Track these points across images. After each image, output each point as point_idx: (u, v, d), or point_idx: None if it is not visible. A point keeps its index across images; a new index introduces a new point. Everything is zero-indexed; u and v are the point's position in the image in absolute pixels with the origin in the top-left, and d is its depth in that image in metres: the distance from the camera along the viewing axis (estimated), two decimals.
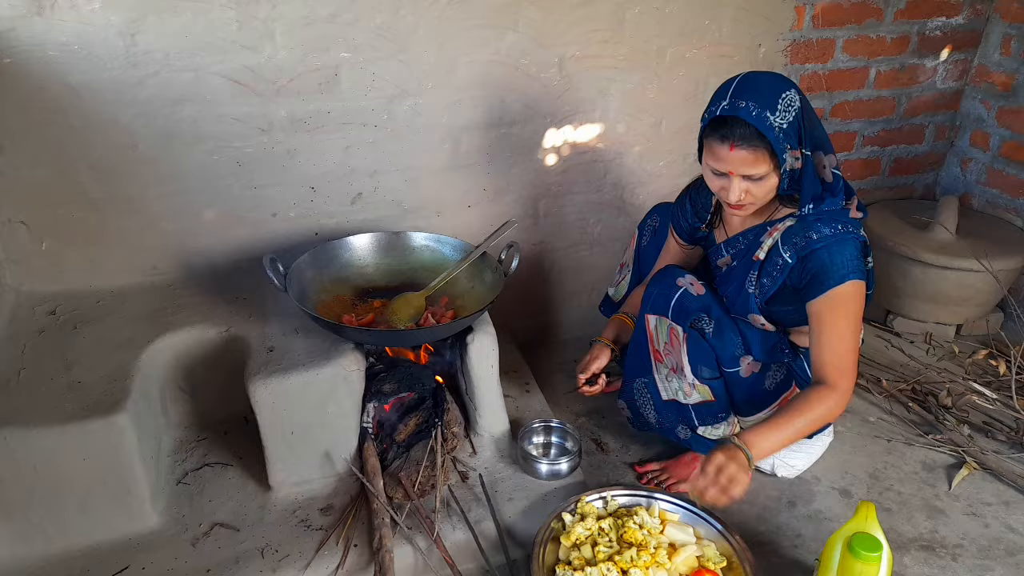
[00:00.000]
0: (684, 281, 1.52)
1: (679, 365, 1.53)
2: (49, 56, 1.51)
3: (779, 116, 1.29)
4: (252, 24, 1.60)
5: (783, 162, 1.32)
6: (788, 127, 1.30)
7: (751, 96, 1.29)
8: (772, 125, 1.28)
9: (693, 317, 1.50)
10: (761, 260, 1.45)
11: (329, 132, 1.76)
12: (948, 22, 2.28)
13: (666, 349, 1.54)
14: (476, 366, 1.64)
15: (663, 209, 1.78)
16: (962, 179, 2.53)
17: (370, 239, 1.79)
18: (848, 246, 1.36)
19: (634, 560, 1.33)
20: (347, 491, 1.56)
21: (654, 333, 1.56)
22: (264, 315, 1.68)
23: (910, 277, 2.24)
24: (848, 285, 1.35)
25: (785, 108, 1.30)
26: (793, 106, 1.31)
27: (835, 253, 1.35)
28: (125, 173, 1.67)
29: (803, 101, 1.33)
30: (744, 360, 1.51)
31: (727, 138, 1.31)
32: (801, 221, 1.39)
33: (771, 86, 1.31)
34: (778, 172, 1.34)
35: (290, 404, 1.50)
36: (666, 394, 1.59)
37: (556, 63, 1.88)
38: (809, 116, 1.35)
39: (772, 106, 1.29)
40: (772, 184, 1.36)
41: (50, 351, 1.54)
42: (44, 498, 1.39)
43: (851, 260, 1.35)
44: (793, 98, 1.31)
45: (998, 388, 1.99)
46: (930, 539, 1.57)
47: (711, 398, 1.54)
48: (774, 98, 1.29)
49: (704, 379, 1.52)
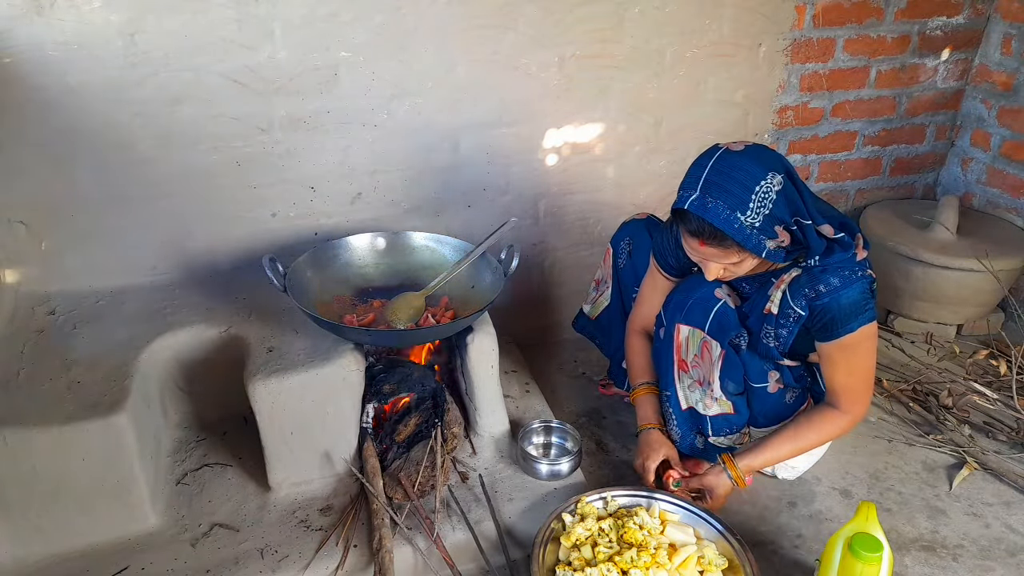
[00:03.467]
0: (722, 292, 1.46)
1: (707, 379, 1.49)
2: (48, 55, 1.51)
3: (751, 215, 1.23)
4: (251, 24, 1.60)
5: (761, 251, 1.26)
6: (763, 222, 1.24)
7: (721, 194, 1.23)
8: (742, 226, 1.23)
9: (733, 334, 1.44)
10: (774, 314, 1.40)
11: (328, 132, 1.76)
12: (949, 22, 2.28)
13: (695, 361, 1.49)
14: (476, 366, 1.64)
15: (635, 230, 1.72)
16: (963, 179, 2.53)
17: (370, 239, 1.78)
18: (856, 290, 1.34)
19: (634, 561, 1.32)
20: (347, 491, 1.56)
21: (684, 344, 1.49)
22: (264, 315, 1.68)
23: (911, 277, 2.24)
24: (861, 331, 1.35)
25: (760, 202, 1.23)
26: (769, 196, 1.23)
27: (845, 302, 1.33)
28: (124, 173, 1.67)
29: (787, 180, 1.26)
30: (772, 375, 1.49)
31: (696, 234, 1.28)
32: (807, 272, 1.36)
33: (744, 178, 1.23)
34: (757, 257, 1.29)
35: (290, 404, 1.49)
36: (686, 403, 1.56)
37: (556, 63, 1.87)
38: (797, 195, 1.27)
39: (743, 206, 1.22)
40: (751, 263, 1.34)
41: (49, 351, 1.54)
42: (44, 498, 1.39)
43: (861, 304, 1.34)
44: (770, 187, 1.23)
45: (999, 388, 1.98)
46: (931, 539, 1.57)
47: (731, 411, 1.52)
48: (746, 194, 1.22)
49: (729, 395, 1.50)
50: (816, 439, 1.47)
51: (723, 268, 1.35)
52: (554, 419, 1.76)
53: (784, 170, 1.27)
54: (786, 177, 1.26)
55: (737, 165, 1.24)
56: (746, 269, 1.36)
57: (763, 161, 1.25)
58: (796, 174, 1.29)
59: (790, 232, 1.29)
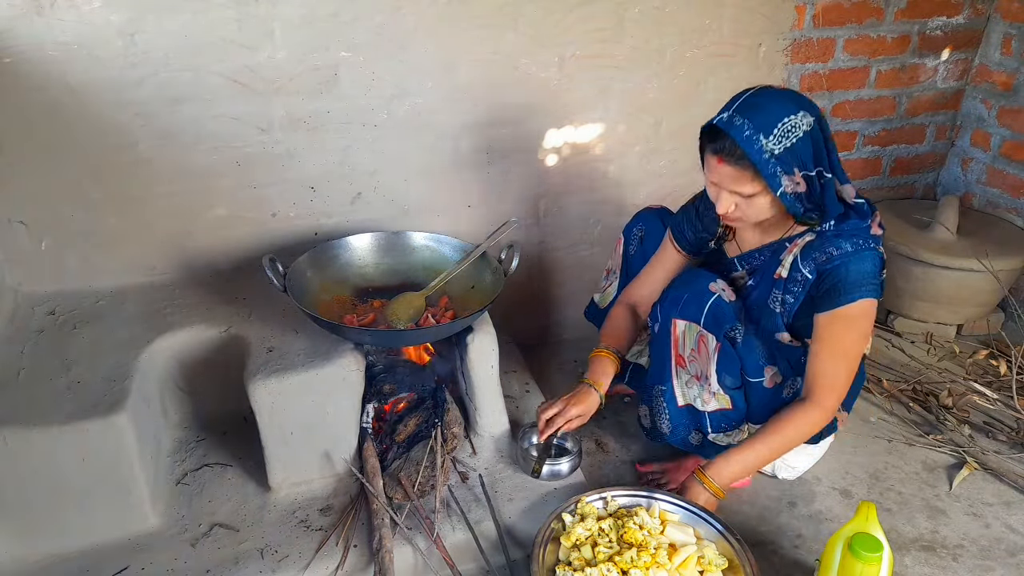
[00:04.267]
0: (716, 286, 1.45)
1: (704, 374, 1.48)
2: (48, 56, 1.51)
3: (773, 140, 1.25)
4: (251, 23, 1.60)
5: (776, 186, 1.28)
6: (784, 152, 1.26)
7: (750, 114, 1.26)
8: (762, 148, 1.25)
9: (728, 327, 1.45)
10: (784, 278, 1.41)
11: (329, 132, 1.76)
12: (949, 21, 2.28)
13: (691, 356, 1.49)
14: (476, 366, 1.64)
15: (648, 217, 1.73)
16: (963, 179, 2.53)
17: (370, 239, 1.78)
18: (867, 261, 1.34)
19: (634, 561, 1.32)
20: (347, 491, 1.56)
21: (680, 339, 1.49)
22: (263, 315, 1.68)
23: (911, 277, 2.24)
24: (862, 303, 1.34)
25: (784, 133, 1.25)
26: (795, 132, 1.26)
27: (853, 269, 1.33)
28: (124, 173, 1.67)
29: (817, 127, 1.28)
30: (768, 371, 1.48)
31: (717, 151, 1.30)
32: (821, 237, 1.36)
33: (776, 108, 1.26)
34: (770, 194, 1.31)
35: (290, 404, 1.49)
36: (683, 400, 1.54)
37: (556, 63, 1.87)
38: (823, 143, 1.29)
39: (768, 129, 1.25)
40: (763, 204, 1.34)
41: (49, 351, 1.54)
42: (44, 498, 1.39)
43: (869, 276, 1.34)
44: (798, 123, 1.26)
45: (999, 388, 1.98)
46: (931, 539, 1.56)
47: (729, 406, 1.51)
48: (773, 121, 1.25)
49: (727, 388, 1.49)
50: (790, 438, 1.43)
51: (735, 203, 1.34)
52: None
53: (817, 116, 1.29)
54: (817, 123, 1.29)
55: (772, 96, 1.29)
56: (757, 211, 1.35)
57: (798, 100, 1.29)
58: (828, 128, 1.31)
59: (808, 180, 1.29)
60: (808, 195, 1.32)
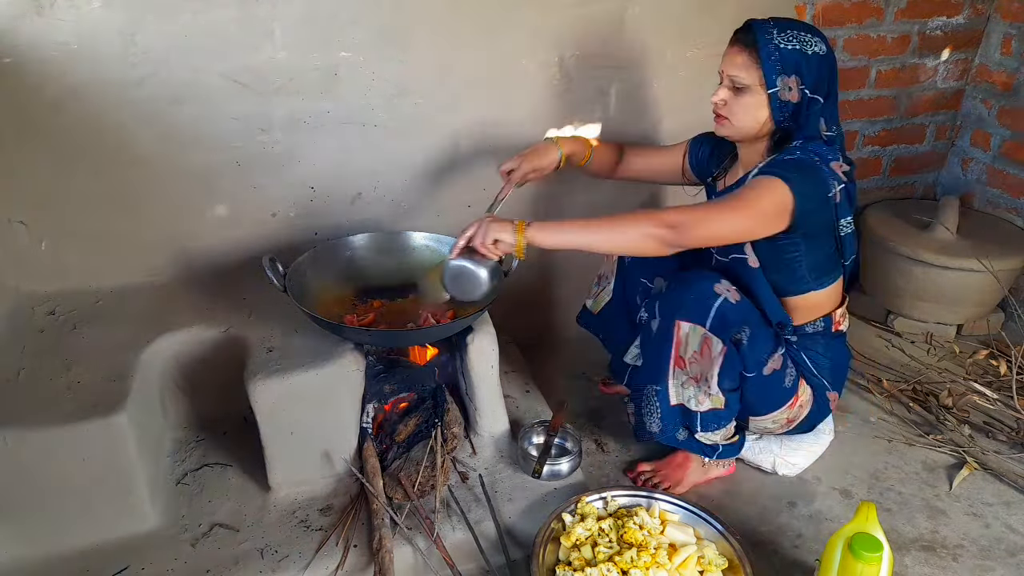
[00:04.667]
0: (721, 288, 1.43)
1: (705, 376, 1.46)
2: (48, 56, 1.51)
3: (784, 39, 1.35)
4: (251, 24, 1.60)
5: (771, 82, 1.35)
6: (788, 54, 1.34)
7: (778, 19, 1.37)
8: (771, 39, 1.34)
9: (734, 330, 1.42)
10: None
11: (329, 132, 1.76)
12: (949, 22, 2.28)
13: (693, 358, 1.46)
14: (476, 366, 1.64)
15: None
16: (963, 179, 2.53)
17: (370, 239, 1.78)
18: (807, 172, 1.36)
19: (634, 561, 1.32)
20: (347, 491, 1.56)
21: (683, 341, 1.45)
22: (263, 315, 1.68)
23: (911, 277, 2.24)
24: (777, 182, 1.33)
25: (796, 40, 1.35)
26: (807, 45, 1.35)
27: (789, 165, 1.37)
28: (124, 173, 1.67)
29: (827, 57, 1.37)
30: (770, 359, 1.47)
31: (735, 39, 1.40)
32: (785, 151, 1.41)
33: (800, 24, 1.38)
34: (761, 94, 1.37)
35: (290, 404, 1.49)
36: (676, 399, 1.52)
37: (556, 63, 1.87)
38: (826, 72, 1.38)
39: (784, 31, 1.35)
40: (750, 104, 1.39)
41: (49, 351, 1.54)
42: (43, 498, 1.39)
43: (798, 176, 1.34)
44: (811, 41, 1.36)
45: (999, 388, 1.98)
46: (931, 539, 1.56)
47: (722, 407, 1.50)
48: (792, 29, 1.36)
49: (724, 391, 1.48)
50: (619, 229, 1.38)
51: (727, 96, 1.41)
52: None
53: (830, 53, 1.38)
54: (830, 59, 1.38)
55: (802, 22, 1.40)
56: (743, 110, 1.40)
57: (821, 34, 1.39)
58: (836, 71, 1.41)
59: (802, 96, 1.37)
60: (795, 113, 1.38)
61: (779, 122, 1.40)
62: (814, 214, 1.39)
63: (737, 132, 1.45)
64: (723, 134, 1.48)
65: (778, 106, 1.38)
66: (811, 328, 1.54)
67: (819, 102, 1.38)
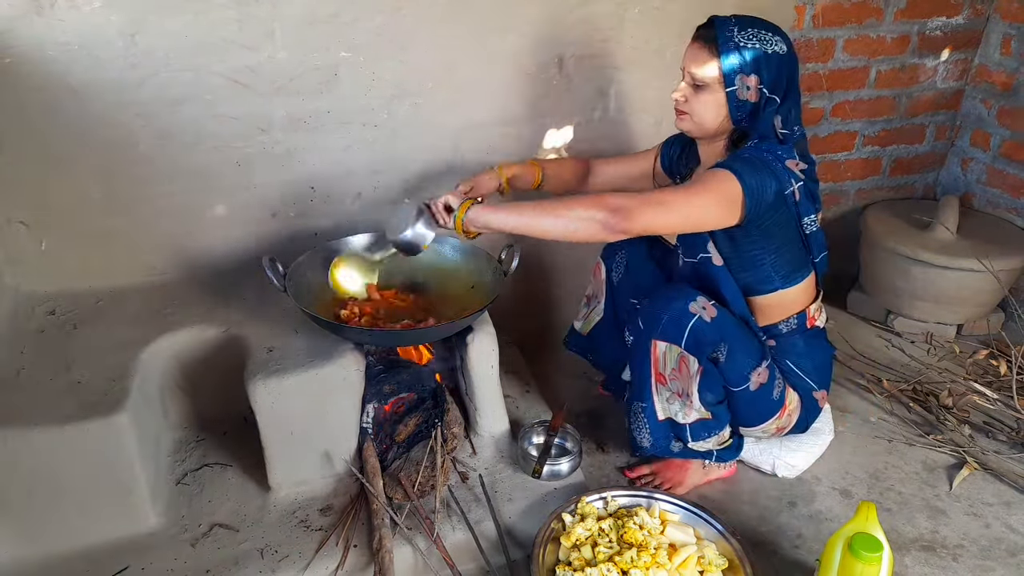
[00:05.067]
0: (696, 306, 1.41)
1: (686, 392, 1.47)
2: (48, 56, 1.51)
3: (744, 37, 1.34)
4: (252, 24, 1.60)
5: (730, 81, 1.35)
6: (748, 53, 1.33)
7: (739, 17, 1.36)
8: (731, 37, 1.33)
9: (710, 349, 1.42)
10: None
11: (329, 132, 1.76)
12: (948, 22, 2.28)
13: (672, 375, 1.47)
14: (476, 366, 1.64)
15: (628, 242, 1.69)
16: (963, 179, 2.53)
17: (370, 239, 1.78)
18: (758, 167, 1.34)
19: (634, 561, 1.32)
20: (347, 491, 1.56)
21: (661, 359, 1.46)
22: (263, 315, 1.67)
23: (911, 277, 2.23)
24: (726, 174, 1.33)
25: (756, 38, 1.34)
26: (767, 44, 1.34)
27: (740, 159, 1.36)
28: (124, 173, 1.67)
29: (787, 57, 1.37)
30: (755, 374, 1.46)
31: (697, 36, 1.39)
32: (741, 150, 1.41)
33: (761, 23, 1.37)
34: (719, 92, 1.36)
35: (289, 404, 1.49)
36: (663, 415, 1.52)
37: (556, 63, 1.87)
38: (785, 72, 1.37)
39: (744, 28, 1.34)
40: (709, 102, 1.38)
41: (49, 351, 1.54)
42: (44, 498, 1.38)
43: (748, 170, 1.33)
44: (771, 41, 1.35)
45: (999, 388, 1.98)
46: (931, 539, 1.56)
47: (709, 417, 1.50)
48: (753, 27, 1.35)
49: (709, 405, 1.48)
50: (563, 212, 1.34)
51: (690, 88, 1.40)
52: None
53: (790, 50, 1.38)
54: (790, 59, 1.37)
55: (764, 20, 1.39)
56: (702, 107, 1.40)
57: (781, 32, 1.38)
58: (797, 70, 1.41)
59: (760, 95, 1.36)
60: (753, 112, 1.38)
61: (736, 121, 1.40)
62: (769, 210, 1.37)
63: (697, 128, 1.45)
64: (683, 128, 1.48)
65: (735, 105, 1.37)
66: (785, 327, 1.53)
67: (776, 101, 1.37)
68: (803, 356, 1.56)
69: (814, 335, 1.58)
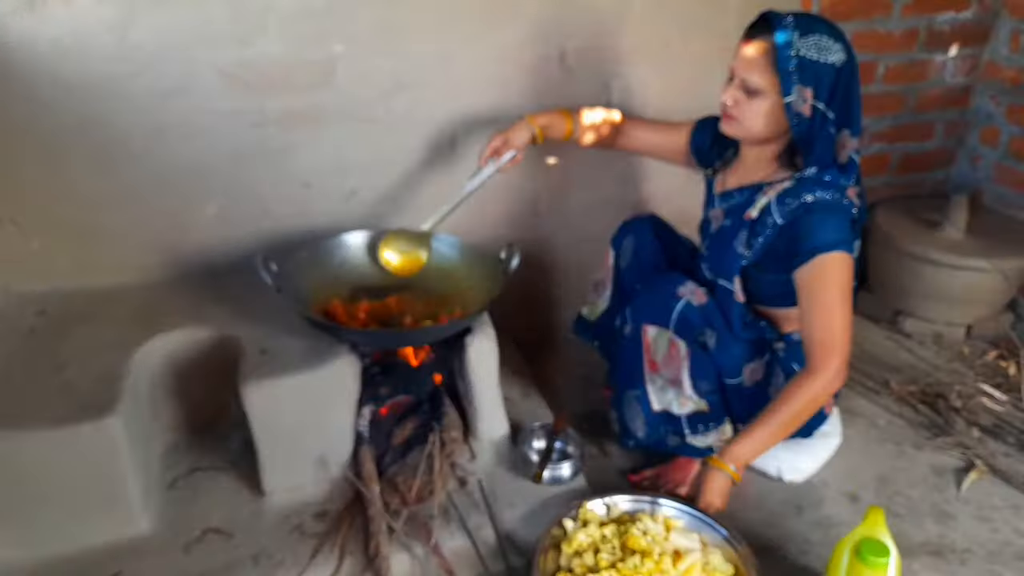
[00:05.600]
0: (685, 290, 1.45)
1: (678, 379, 1.47)
2: (40, 51, 1.49)
3: (804, 45, 1.26)
4: (245, 17, 1.58)
5: (787, 90, 1.27)
6: (808, 62, 1.26)
7: (799, 18, 1.27)
8: (791, 43, 1.25)
9: (697, 332, 1.44)
10: (753, 219, 1.40)
11: (324, 127, 1.73)
12: (956, 17, 2.26)
13: (664, 361, 1.48)
14: (475, 368, 1.62)
15: (639, 228, 1.71)
16: (972, 176, 2.50)
17: (366, 237, 1.75)
18: (841, 217, 1.32)
19: (637, 567, 1.30)
20: (342, 497, 1.54)
21: (652, 345, 1.48)
22: (257, 316, 1.65)
23: (920, 277, 2.21)
24: (837, 256, 1.30)
25: (817, 47, 1.26)
26: (828, 53, 1.27)
27: (826, 220, 1.31)
28: (116, 170, 1.65)
29: (848, 66, 1.29)
30: (748, 369, 1.46)
31: (751, 35, 1.31)
32: (799, 183, 1.35)
33: (824, 27, 1.29)
34: (774, 98, 1.30)
35: (284, 407, 1.47)
36: (658, 404, 1.52)
37: (557, 56, 1.85)
38: (847, 83, 1.30)
39: (806, 33, 1.26)
40: (761, 110, 1.33)
41: (40, 352, 1.52)
42: (34, 502, 1.37)
43: (841, 232, 1.31)
44: (834, 49, 1.27)
45: (1008, 390, 1.96)
46: (939, 544, 1.54)
47: (706, 409, 1.50)
48: (815, 31, 1.27)
49: (703, 394, 1.48)
50: (798, 410, 1.36)
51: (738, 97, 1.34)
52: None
53: (850, 59, 1.30)
54: (848, 65, 1.29)
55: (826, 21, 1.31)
56: (753, 115, 1.34)
57: (843, 39, 1.30)
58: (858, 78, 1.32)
59: (814, 112, 1.29)
60: (809, 126, 1.31)
61: (797, 135, 1.33)
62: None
63: (746, 133, 1.40)
64: (729, 133, 1.42)
65: (794, 117, 1.31)
66: (796, 336, 1.51)
67: (834, 119, 1.31)
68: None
69: None
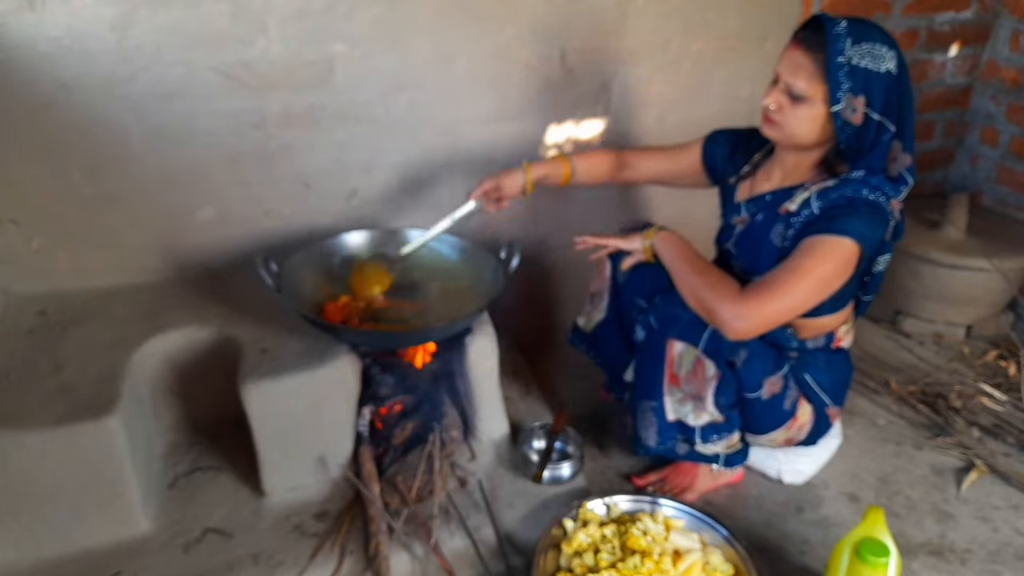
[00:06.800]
0: None
1: (700, 396, 1.43)
2: (40, 51, 1.49)
3: (856, 52, 1.21)
4: (245, 17, 1.57)
5: (836, 98, 1.23)
6: (859, 69, 1.21)
7: (853, 22, 1.23)
8: (842, 50, 1.21)
9: (729, 353, 1.38)
10: (790, 212, 1.35)
11: (324, 127, 1.73)
12: (957, 17, 2.26)
13: (687, 377, 1.43)
14: (475, 368, 1.62)
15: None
16: (972, 176, 2.50)
17: (365, 237, 1.75)
18: (876, 218, 1.28)
19: (637, 568, 1.30)
20: (342, 497, 1.53)
21: (676, 360, 1.42)
22: (257, 316, 1.65)
23: (920, 276, 2.21)
24: (846, 241, 1.24)
25: (870, 55, 1.22)
26: (880, 61, 1.22)
27: (858, 213, 1.26)
28: (116, 170, 1.64)
29: (900, 74, 1.25)
30: (768, 382, 1.42)
31: (801, 39, 1.26)
32: (843, 182, 1.31)
33: (878, 33, 1.24)
34: (821, 107, 1.26)
35: (283, 407, 1.47)
36: (674, 415, 1.49)
37: (558, 56, 1.84)
38: (901, 91, 1.26)
39: (859, 40, 1.21)
40: (806, 117, 1.27)
41: (40, 352, 1.51)
42: (34, 502, 1.36)
43: (866, 228, 1.26)
44: (886, 56, 1.23)
45: (1008, 390, 1.96)
46: (939, 544, 1.54)
47: (721, 420, 1.47)
48: (868, 38, 1.22)
49: (723, 409, 1.44)
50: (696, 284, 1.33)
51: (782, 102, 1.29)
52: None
53: (903, 72, 1.26)
54: (900, 72, 1.25)
55: (878, 27, 1.26)
56: (796, 122, 1.29)
57: (895, 45, 1.26)
58: (910, 87, 1.28)
59: (867, 120, 1.25)
60: (858, 135, 1.27)
61: (844, 143, 1.28)
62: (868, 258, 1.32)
63: (788, 139, 1.34)
64: (771, 136, 1.37)
65: (842, 126, 1.26)
66: (812, 344, 1.50)
67: (890, 129, 1.26)
68: (823, 372, 1.51)
69: (837, 353, 1.54)
